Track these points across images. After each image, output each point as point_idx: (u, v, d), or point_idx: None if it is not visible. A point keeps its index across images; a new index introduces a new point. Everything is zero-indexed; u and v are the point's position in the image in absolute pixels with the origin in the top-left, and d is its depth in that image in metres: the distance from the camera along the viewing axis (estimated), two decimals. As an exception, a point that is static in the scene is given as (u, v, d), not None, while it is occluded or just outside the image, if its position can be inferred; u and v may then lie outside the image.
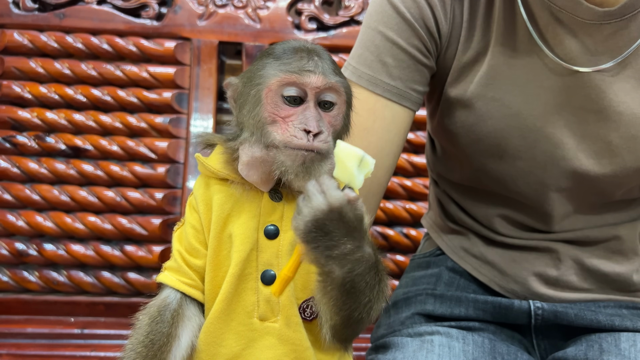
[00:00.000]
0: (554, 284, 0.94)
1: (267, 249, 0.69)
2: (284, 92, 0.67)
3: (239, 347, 0.68)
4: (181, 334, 0.69)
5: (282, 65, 0.67)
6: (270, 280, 0.68)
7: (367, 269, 0.63)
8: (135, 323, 0.69)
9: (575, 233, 0.94)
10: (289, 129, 0.66)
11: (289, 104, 0.67)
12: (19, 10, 1.38)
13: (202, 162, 0.72)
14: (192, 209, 0.73)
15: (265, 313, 0.69)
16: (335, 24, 1.44)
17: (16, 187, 1.31)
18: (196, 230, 0.71)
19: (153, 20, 1.41)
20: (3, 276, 1.28)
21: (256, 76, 0.68)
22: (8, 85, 1.35)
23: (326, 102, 0.68)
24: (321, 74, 0.67)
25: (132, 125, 1.36)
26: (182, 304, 0.70)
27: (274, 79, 0.66)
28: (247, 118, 0.68)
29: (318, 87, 0.67)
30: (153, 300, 0.71)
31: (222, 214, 0.69)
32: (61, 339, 1.26)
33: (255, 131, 0.67)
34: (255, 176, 0.68)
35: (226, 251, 0.69)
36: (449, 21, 0.88)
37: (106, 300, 1.30)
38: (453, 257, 1.01)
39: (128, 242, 1.32)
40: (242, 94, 0.70)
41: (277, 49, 0.70)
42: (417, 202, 1.40)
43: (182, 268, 0.71)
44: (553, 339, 0.95)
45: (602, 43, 0.83)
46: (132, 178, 1.34)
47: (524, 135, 0.87)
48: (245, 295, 0.69)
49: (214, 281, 0.70)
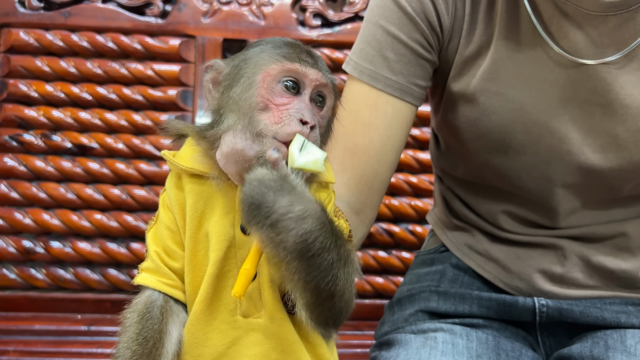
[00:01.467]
0: (559, 281, 0.93)
1: (244, 245, 0.67)
2: (282, 79, 0.65)
3: (223, 346, 0.67)
4: (171, 329, 0.68)
5: (283, 53, 0.65)
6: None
7: (317, 226, 0.59)
8: (123, 321, 0.68)
9: (582, 229, 0.92)
10: (283, 118, 0.63)
11: (285, 93, 0.64)
12: (24, 9, 1.39)
13: (170, 159, 0.69)
14: (166, 208, 0.70)
15: (248, 309, 0.67)
16: (340, 20, 1.44)
17: (23, 185, 1.32)
18: (172, 232, 0.69)
19: (158, 18, 1.41)
20: (10, 273, 1.29)
21: (252, 59, 0.66)
22: (14, 84, 1.36)
23: (320, 96, 0.67)
24: (320, 70, 0.66)
25: (137, 123, 1.37)
26: (168, 300, 0.69)
27: (276, 64, 0.65)
28: (234, 101, 0.65)
29: (317, 81, 0.66)
30: (137, 298, 0.69)
31: (195, 213, 0.67)
32: (68, 335, 1.27)
33: (242, 116, 0.64)
34: (233, 169, 0.65)
35: (204, 250, 0.68)
36: (450, 15, 0.87)
37: (112, 297, 1.31)
38: (457, 254, 1.01)
39: (134, 240, 1.33)
40: (230, 76, 0.67)
41: (274, 40, 0.68)
42: (423, 198, 1.39)
43: (162, 269, 0.69)
44: (558, 336, 0.94)
45: (608, 35, 0.82)
46: (138, 176, 1.35)
47: (528, 130, 0.86)
48: (226, 293, 0.67)
49: (194, 282, 0.68)
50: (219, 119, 0.66)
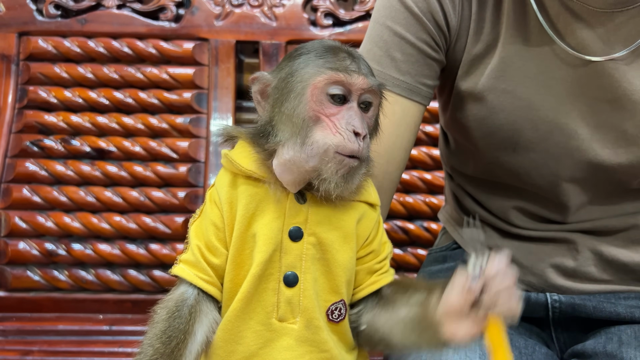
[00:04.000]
0: (572, 275, 0.92)
1: (290, 251, 0.68)
2: (329, 90, 0.65)
3: (256, 346, 0.68)
4: (197, 330, 0.69)
5: (328, 63, 0.66)
6: (293, 282, 0.68)
7: None
8: (153, 317, 0.69)
9: (593, 223, 0.92)
10: (340, 130, 0.64)
11: (333, 103, 0.65)
12: (42, 17, 1.42)
13: (232, 160, 0.70)
14: (214, 205, 0.70)
15: (284, 314, 0.68)
16: (351, 19, 1.44)
17: (45, 190, 1.35)
18: (217, 229, 0.69)
19: (171, 22, 1.43)
20: (34, 275, 1.33)
21: (298, 72, 0.67)
22: (34, 90, 1.39)
23: (366, 102, 0.68)
24: (365, 75, 0.67)
25: (154, 126, 1.39)
26: (199, 300, 0.70)
27: (322, 75, 0.65)
28: (287, 116, 0.66)
29: (363, 88, 0.66)
30: (170, 294, 0.70)
31: (247, 214, 0.68)
32: (90, 335, 1.30)
33: (296, 130, 0.65)
34: (289, 177, 0.67)
35: (249, 250, 0.69)
36: (457, 14, 0.87)
37: (133, 297, 1.33)
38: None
39: (152, 241, 1.35)
40: (278, 90, 0.68)
41: (315, 47, 0.68)
42: (437, 195, 1.39)
43: (200, 264, 0.70)
44: (572, 332, 0.94)
45: (615, 31, 0.81)
46: (155, 178, 1.37)
47: (537, 127, 0.86)
48: (266, 296, 0.68)
49: (235, 280, 0.69)
50: (272, 131, 0.68)
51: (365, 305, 0.73)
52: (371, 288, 0.72)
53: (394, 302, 0.72)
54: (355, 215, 0.70)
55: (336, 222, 0.69)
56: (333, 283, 0.69)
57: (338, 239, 0.69)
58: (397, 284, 0.74)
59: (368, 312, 0.73)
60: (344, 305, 0.70)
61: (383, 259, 0.73)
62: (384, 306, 0.72)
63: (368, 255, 0.72)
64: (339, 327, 0.70)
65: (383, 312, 0.72)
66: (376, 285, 0.72)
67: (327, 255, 0.69)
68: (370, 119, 0.69)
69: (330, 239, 0.69)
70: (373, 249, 0.73)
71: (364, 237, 0.71)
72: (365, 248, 0.72)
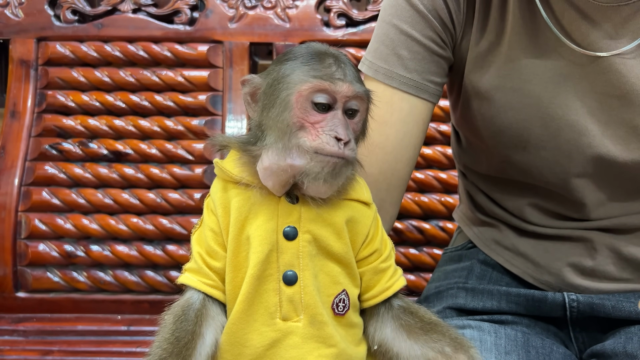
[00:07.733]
0: (590, 274, 0.91)
1: (287, 250, 0.69)
2: (314, 98, 0.66)
3: (262, 347, 0.69)
4: (205, 332, 0.70)
5: (313, 71, 0.67)
6: (292, 280, 0.69)
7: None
8: (160, 323, 0.70)
9: (612, 220, 0.90)
10: (320, 135, 0.66)
11: (317, 111, 0.67)
12: (60, 22, 1.44)
13: (222, 167, 0.72)
14: (210, 212, 0.73)
15: (288, 313, 0.69)
16: (365, 18, 1.44)
17: (63, 192, 1.38)
18: (215, 233, 0.71)
19: (186, 26, 1.45)
20: (54, 277, 1.35)
21: (284, 79, 0.68)
22: (53, 95, 1.42)
23: (351, 109, 0.68)
24: (350, 82, 0.67)
25: (170, 128, 1.41)
26: (205, 304, 0.71)
27: (306, 84, 0.66)
28: (273, 122, 0.68)
29: (348, 96, 0.67)
30: (177, 301, 0.72)
31: (240, 217, 0.70)
32: (109, 335, 1.31)
33: (282, 136, 0.67)
34: (271, 182, 0.68)
35: (245, 253, 0.70)
36: (462, 11, 0.86)
37: (150, 298, 1.35)
38: (485, 250, 1.00)
39: (169, 242, 1.37)
40: (266, 95, 0.70)
41: (301, 52, 0.69)
42: (453, 194, 1.38)
43: (203, 269, 0.71)
44: (591, 332, 0.92)
45: (621, 26, 0.80)
46: (171, 179, 1.39)
47: (547, 125, 0.84)
48: (267, 296, 0.69)
49: (234, 282, 0.70)
50: (260, 135, 0.69)
51: (377, 320, 0.73)
52: (384, 295, 0.72)
53: (415, 337, 0.72)
54: (344, 213, 0.71)
55: (328, 219, 0.70)
56: (332, 275, 0.70)
57: (332, 234, 0.70)
58: (420, 318, 0.74)
59: (379, 329, 0.73)
60: (347, 295, 0.71)
61: (387, 257, 0.74)
62: (401, 332, 0.73)
63: (372, 255, 0.72)
64: (345, 319, 0.71)
65: (402, 341, 0.72)
66: (389, 292, 0.73)
67: (323, 250, 0.70)
68: (356, 124, 0.70)
69: (325, 235, 0.69)
70: (376, 248, 0.73)
71: (363, 235, 0.72)
72: (368, 247, 0.72)
